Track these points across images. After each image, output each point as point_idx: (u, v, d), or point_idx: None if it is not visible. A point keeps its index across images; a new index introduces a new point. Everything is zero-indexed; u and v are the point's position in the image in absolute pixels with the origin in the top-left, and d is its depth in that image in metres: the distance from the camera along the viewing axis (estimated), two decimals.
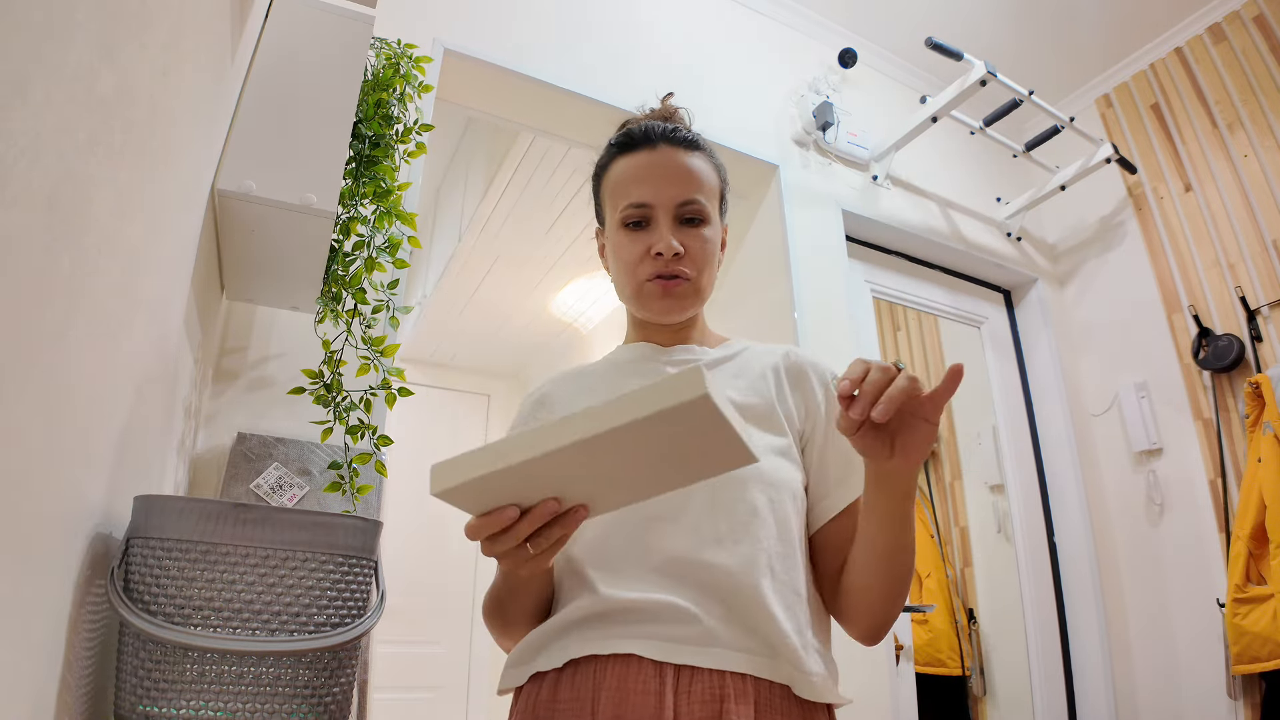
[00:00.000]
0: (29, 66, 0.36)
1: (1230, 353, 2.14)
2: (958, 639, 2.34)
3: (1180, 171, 2.43)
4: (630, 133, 0.83)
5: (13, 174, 0.35)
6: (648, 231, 0.79)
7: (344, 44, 1.05)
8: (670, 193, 0.78)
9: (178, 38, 0.64)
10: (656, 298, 0.79)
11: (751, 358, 0.84)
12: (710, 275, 0.82)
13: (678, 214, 0.79)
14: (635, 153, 0.82)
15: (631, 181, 0.80)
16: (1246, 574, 1.91)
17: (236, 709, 0.54)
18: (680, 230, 0.79)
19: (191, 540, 0.56)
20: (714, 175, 0.83)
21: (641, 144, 0.81)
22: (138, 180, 0.58)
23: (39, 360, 0.41)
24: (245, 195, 0.91)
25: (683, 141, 0.81)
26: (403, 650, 3.56)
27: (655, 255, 0.77)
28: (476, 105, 1.89)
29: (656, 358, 0.83)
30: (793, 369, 0.83)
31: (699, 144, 0.83)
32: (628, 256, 0.79)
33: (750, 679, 0.63)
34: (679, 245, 0.77)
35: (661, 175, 0.79)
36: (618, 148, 0.84)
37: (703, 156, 0.83)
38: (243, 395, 1.29)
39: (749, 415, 0.76)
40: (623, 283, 0.82)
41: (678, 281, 0.78)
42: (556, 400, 0.85)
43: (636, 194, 0.79)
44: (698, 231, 0.79)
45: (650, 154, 0.81)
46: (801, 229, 2.12)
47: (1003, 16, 2.48)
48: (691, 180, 0.79)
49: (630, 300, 0.82)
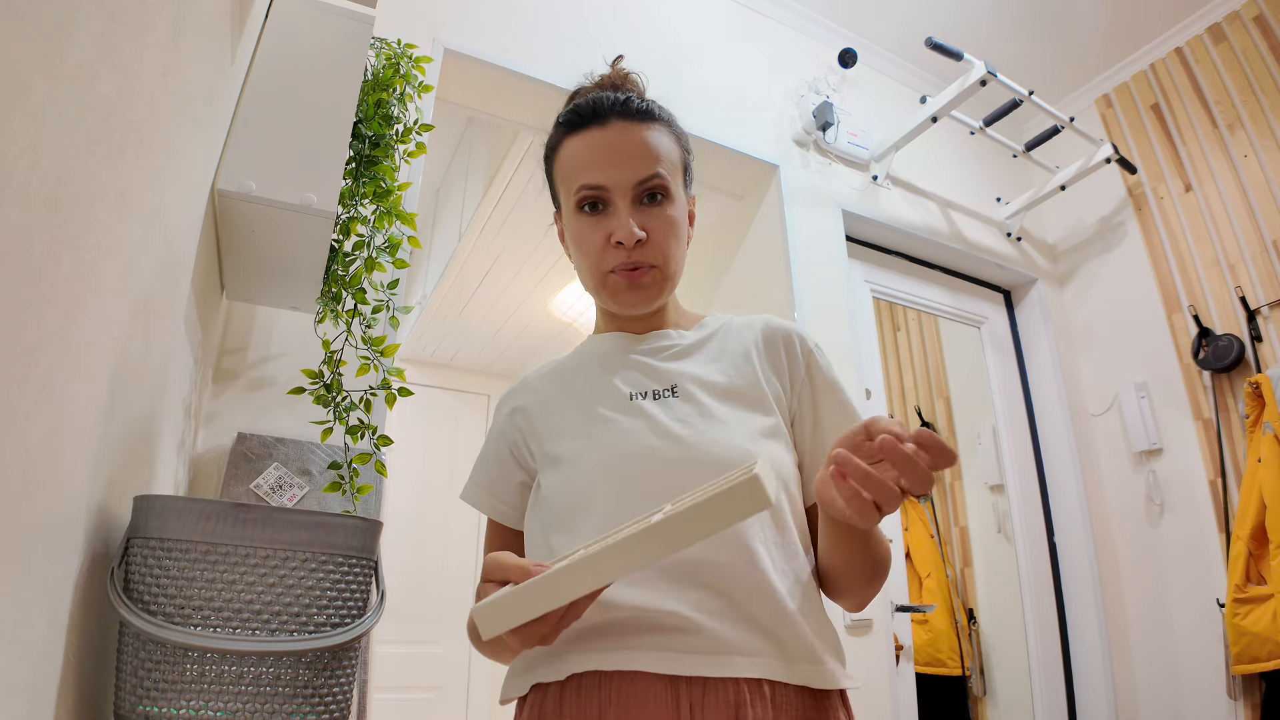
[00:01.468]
0: (29, 66, 0.36)
1: (1230, 353, 2.14)
2: (958, 639, 2.34)
3: (1180, 171, 2.43)
4: (578, 109, 0.76)
5: (13, 174, 0.35)
6: (606, 215, 0.73)
7: (344, 44, 1.05)
8: (626, 173, 0.72)
9: (178, 38, 0.64)
10: (623, 290, 0.74)
11: (729, 336, 0.80)
12: (678, 257, 0.76)
13: (636, 194, 0.73)
14: (585, 131, 0.75)
15: (584, 165, 0.74)
16: (1246, 574, 1.91)
17: (236, 709, 0.54)
18: (640, 211, 0.73)
19: (191, 540, 0.56)
20: (674, 145, 0.77)
21: (591, 121, 0.75)
22: (138, 180, 0.58)
23: (39, 360, 0.41)
24: (245, 195, 0.91)
25: (636, 113, 0.75)
26: (403, 650, 3.56)
27: (616, 244, 0.72)
28: (476, 105, 1.89)
29: (632, 348, 0.79)
30: (771, 342, 0.79)
31: (654, 113, 0.76)
32: (588, 246, 0.74)
33: (765, 680, 0.62)
34: (640, 231, 0.72)
35: (615, 154, 0.73)
36: (566, 126, 0.77)
37: (660, 127, 0.76)
38: (243, 395, 1.29)
39: (736, 398, 0.74)
40: (585, 274, 0.77)
41: (643, 271, 0.73)
42: (536, 412, 0.80)
43: (589, 177, 0.73)
44: (660, 211, 0.74)
45: (601, 131, 0.74)
46: (801, 229, 2.12)
47: (1003, 16, 2.48)
48: (648, 156, 0.73)
49: (595, 293, 0.78)
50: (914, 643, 2.01)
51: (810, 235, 2.13)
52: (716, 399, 0.73)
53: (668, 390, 0.74)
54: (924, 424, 2.69)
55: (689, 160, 0.80)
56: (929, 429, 0.53)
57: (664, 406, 0.73)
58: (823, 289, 2.08)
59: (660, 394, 0.74)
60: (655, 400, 0.74)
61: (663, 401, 0.73)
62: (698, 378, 0.75)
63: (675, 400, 0.73)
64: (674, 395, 0.74)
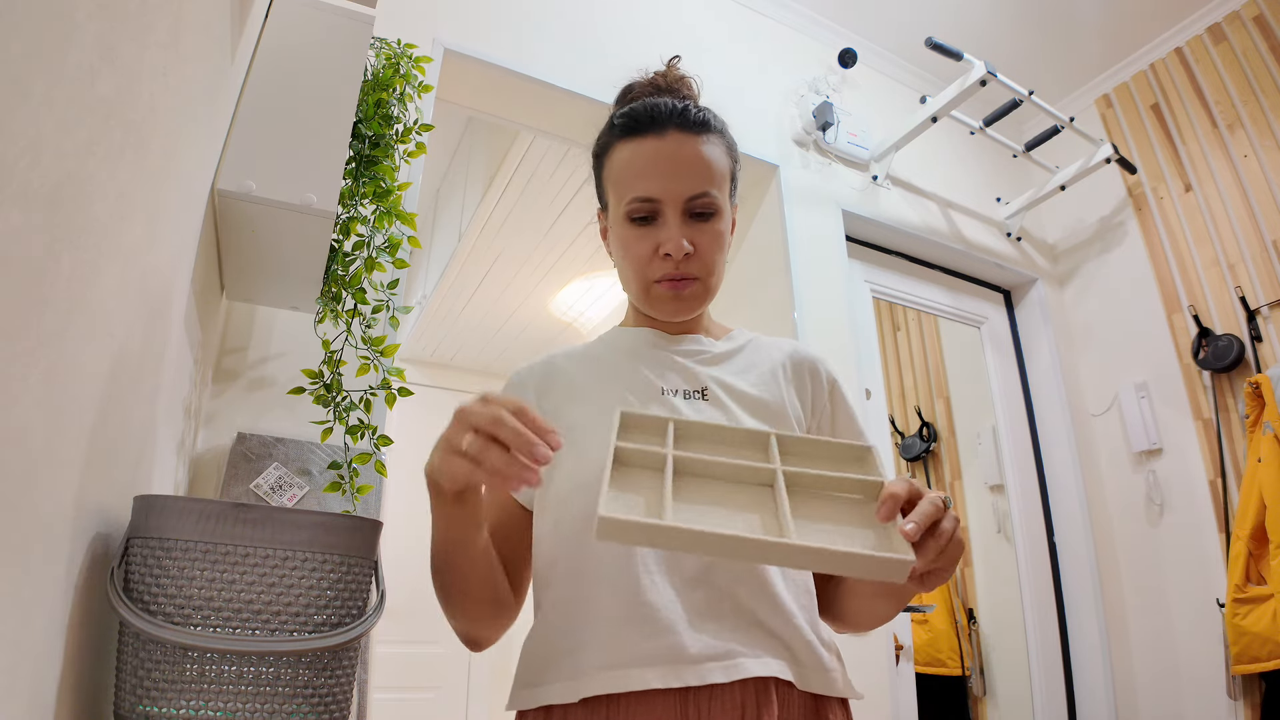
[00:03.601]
0: (29, 66, 0.36)
1: (1230, 353, 2.14)
2: (958, 639, 2.34)
3: (1180, 171, 2.43)
4: (635, 114, 0.76)
5: (13, 174, 0.35)
6: (655, 227, 0.74)
7: (344, 44, 1.05)
8: (681, 188, 0.73)
9: (177, 38, 0.64)
10: (667, 300, 0.75)
11: (757, 351, 0.82)
12: (720, 270, 0.78)
13: (687, 208, 0.73)
14: (641, 138, 0.74)
15: (638, 174, 0.74)
16: (1246, 574, 1.91)
17: (236, 709, 0.54)
18: (689, 225, 0.74)
19: (191, 540, 0.56)
20: (725, 159, 0.77)
21: (648, 129, 0.74)
22: (138, 180, 0.58)
23: (39, 360, 0.41)
24: (245, 195, 0.91)
25: (694, 125, 0.74)
26: (403, 650, 3.56)
27: (664, 256, 0.73)
28: (476, 105, 1.89)
29: (665, 346, 0.80)
30: (798, 367, 0.81)
31: (710, 124, 0.76)
32: (635, 254, 0.75)
33: (771, 681, 0.62)
34: (689, 245, 0.72)
35: (671, 168, 0.73)
36: (621, 130, 0.77)
37: (715, 139, 0.76)
38: (243, 395, 1.29)
39: (762, 410, 0.75)
40: (629, 279, 0.78)
41: (688, 283, 0.75)
42: (565, 375, 0.80)
43: (643, 188, 0.73)
44: (708, 226, 0.74)
45: (658, 142, 0.74)
46: (801, 229, 2.12)
47: (1003, 16, 2.48)
48: (703, 172, 0.74)
49: (638, 298, 0.79)
50: (914, 643, 2.01)
51: (810, 235, 2.13)
52: (744, 409, 0.75)
53: (698, 392, 0.76)
54: (924, 424, 2.69)
55: (736, 170, 0.81)
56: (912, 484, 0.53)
57: (693, 407, 0.74)
58: (823, 289, 2.08)
59: (690, 394, 0.75)
60: (685, 399, 0.75)
61: (692, 402, 0.75)
62: (728, 385, 0.77)
63: (704, 403, 0.75)
64: (703, 398, 0.75)
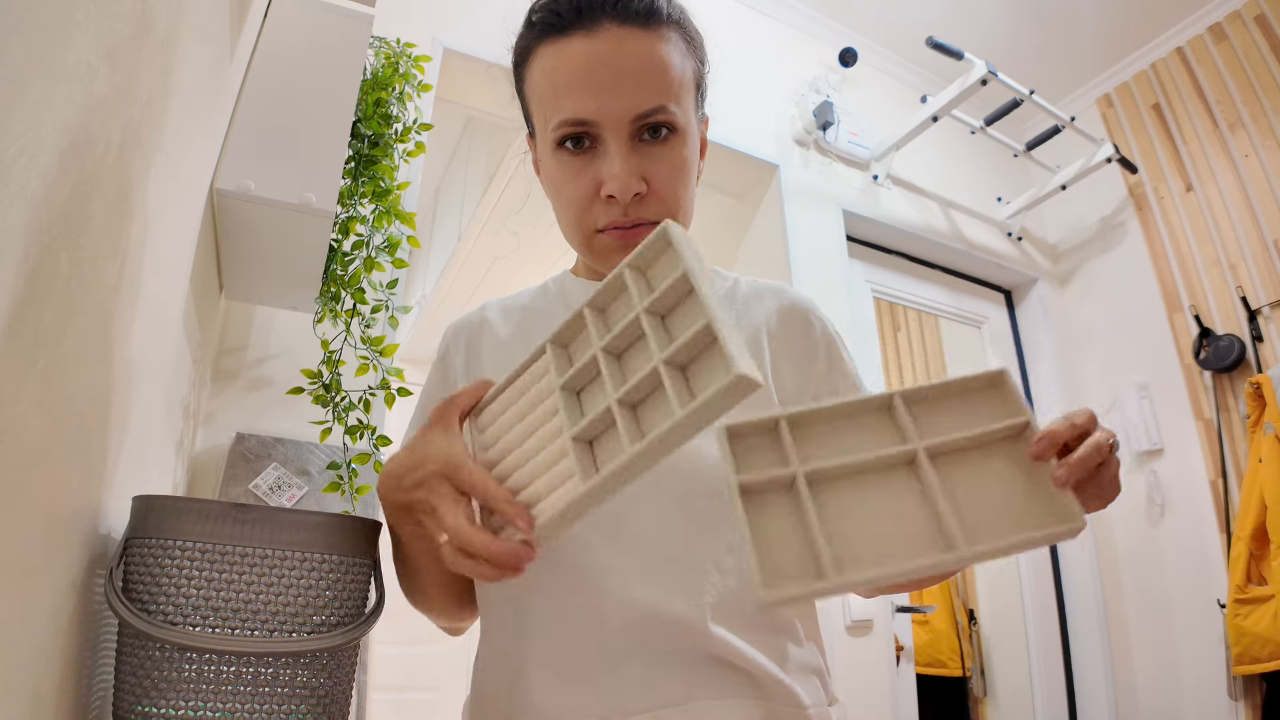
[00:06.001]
0: (29, 66, 0.36)
1: (1231, 353, 2.14)
2: (958, 640, 2.34)
3: (1181, 171, 2.43)
4: (556, 3, 0.57)
5: (12, 174, 0.35)
6: (593, 155, 0.56)
7: (343, 43, 1.05)
8: (622, 103, 0.54)
9: (177, 38, 0.64)
10: (615, 253, 0.58)
11: (735, 304, 0.68)
12: (688, 205, 0.59)
13: (635, 129, 0.56)
14: (566, 38, 0.56)
15: (562, 88, 0.56)
16: (1247, 574, 1.91)
17: (235, 709, 0.54)
18: (639, 153, 0.56)
19: (190, 540, 0.56)
20: (685, 57, 0.59)
21: (575, 24, 0.56)
22: (137, 180, 0.58)
23: (38, 360, 0.41)
24: (244, 195, 0.91)
25: (637, 15, 0.55)
26: (403, 650, 3.56)
27: (607, 198, 0.56)
28: (476, 105, 1.89)
29: None
30: (785, 321, 0.67)
31: (660, 11, 0.57)
32: (570, 196, 0.58)
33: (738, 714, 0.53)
34: (639, 183, 0.55)
35: (608, 78, 0.54)
36: (541, 27, 0.58)
37: (669, 33, 0.57)
38: (241, 395, 1.29)
39: None
40: (566, 227, 0.61)
41: (642, 229, 0.56)
42: (494, 335, 0.68)
43: (571, 108, 0.55)
44: (666, 150, 0.57)
45: (589, 42, 0.55)
46: (801, 229, 2.11)
47: (1003, 16, 2.48)
48: (652, 78, 0.55)
49: (580, 250, 0.62)
50: (914, 643, 2.01)
51: (810, 235, 2.13)
52: None
53: None
54: None
55: (704, 74, 0.63)
56: None
57: None
58: (823, 289, 2.07)
59: None
60: None
61: None
62: None
63: None
64: None
